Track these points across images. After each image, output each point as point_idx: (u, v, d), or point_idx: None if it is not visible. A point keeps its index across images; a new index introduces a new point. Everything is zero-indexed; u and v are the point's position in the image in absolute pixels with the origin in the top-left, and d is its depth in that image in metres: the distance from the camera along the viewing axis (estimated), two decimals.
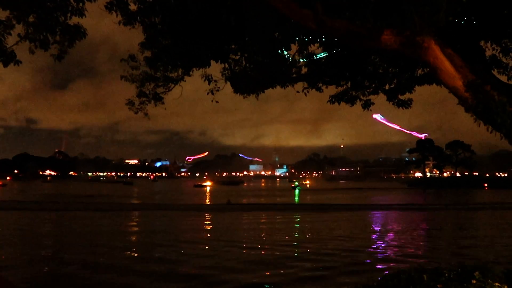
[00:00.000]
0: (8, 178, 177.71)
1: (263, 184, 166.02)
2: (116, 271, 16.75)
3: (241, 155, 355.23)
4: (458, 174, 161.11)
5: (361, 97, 10.91)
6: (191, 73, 10.61)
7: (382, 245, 24.20)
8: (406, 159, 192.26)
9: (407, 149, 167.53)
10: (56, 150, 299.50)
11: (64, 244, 23.51)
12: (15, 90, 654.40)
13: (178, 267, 17.80)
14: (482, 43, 7.88)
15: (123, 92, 11.03)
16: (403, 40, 5.63)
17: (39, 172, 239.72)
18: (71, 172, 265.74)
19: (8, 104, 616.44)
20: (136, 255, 20.59)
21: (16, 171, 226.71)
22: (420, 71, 9.82)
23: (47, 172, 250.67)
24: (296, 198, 76.20)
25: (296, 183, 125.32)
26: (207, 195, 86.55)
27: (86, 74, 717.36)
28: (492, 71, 8.32)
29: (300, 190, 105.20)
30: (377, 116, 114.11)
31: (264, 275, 16.37)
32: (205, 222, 37.34)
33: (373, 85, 10.64)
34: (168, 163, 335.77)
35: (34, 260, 18.95)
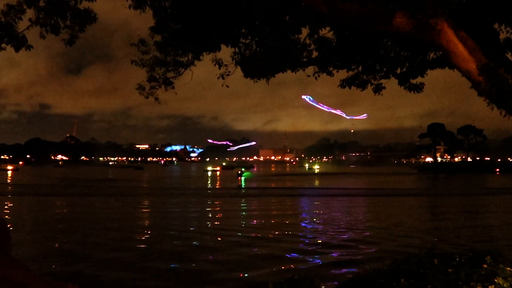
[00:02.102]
0: (20, 162, 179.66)
1: (273, 169, 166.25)
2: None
3: (209, 140, 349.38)
4: (469, 159, 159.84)
5: (372, 81, 10.82)
6: (201, 57, 10.59)
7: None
8: (417, 144, 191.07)
9: (418, 134, 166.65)
10: (68, 135, 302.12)
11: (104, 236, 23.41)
12: (30, 76, 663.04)
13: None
14: (496, 25, 7.76)
15: (137, 77, 11.08)
16: (416, 23, 5.55)
17: (51, 156, 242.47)
18: (82, 157, 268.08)
19: (23, 90, 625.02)
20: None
21: (28, 156, 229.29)
22: (433, 54, 9.70)
23: (59, 156, 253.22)
24: (243, 184, 72.24)
25: (243, 169, 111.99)
26: (217, 179, 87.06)
27: (101, 59, 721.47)
28: (506, 54, 8.19)
29: (246, 177, 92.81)
30: (306, 98, 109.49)
31: None
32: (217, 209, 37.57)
33: (385, 69, 10.54)
34: (178, 148, 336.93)
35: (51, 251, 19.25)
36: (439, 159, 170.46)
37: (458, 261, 5.80)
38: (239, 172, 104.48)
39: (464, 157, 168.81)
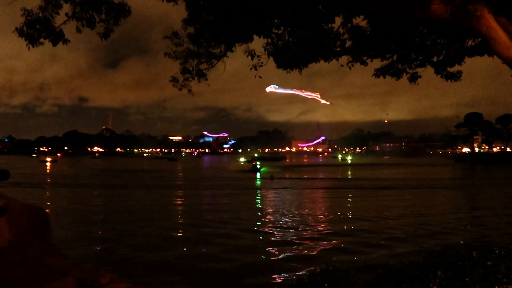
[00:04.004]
0: (58, 154, 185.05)
1: (305, 160, 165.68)
2: None
3: (205, 132, 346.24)
4: (508, 149, 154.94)
5: (408, 70, 10.61)
6: (233, 48, 10.60)
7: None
8: (454, 134, 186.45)
9: (455, 124, 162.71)
10: (103, 127, 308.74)
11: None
12: (70, 69, 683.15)
13: None
14: None
15: (172, 70, 11.21)
16: (454, 9, 5.39)
17: (87, 148, 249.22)
18: (118, 149, 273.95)
19: (63, 83, 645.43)
20: None
21: (66, 148, 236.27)
22: (471, 41, 9.42)
23: (95, 148, 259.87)
24: (258, 182, 59.32)
25: (258, 163, 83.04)
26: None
27: (138, 52, 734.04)
28: None
29: (262, 172, 74.58)
30: (271, 88, 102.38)
31: None
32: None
33: (420, 58, 10.30)
34: (211, 139, 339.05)
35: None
36: (476, 150, 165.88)
37: (498, 253, 5.65)
38: (254, 165, 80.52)
39: (503, 147, 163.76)
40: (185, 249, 16.88)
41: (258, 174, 71.06)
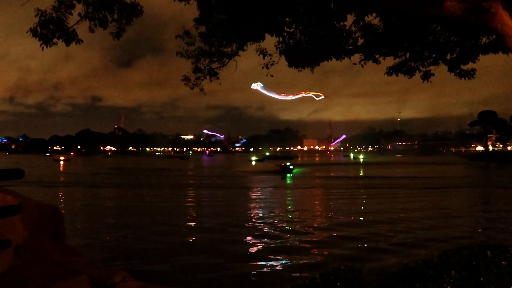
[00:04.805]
0: (72, 153, 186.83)
1: (317, 159, 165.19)
2: None
3: (205, 131, 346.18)
4: None
5: (421, 68, 10.51)
6: (245, 47, 10.60)
7: None
8: (467, 132, 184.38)
9: (468, 122, 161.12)
10: (116, 126, 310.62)
11: None
12: (85, 69, 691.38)
13: None
14: None
15: (184, 69, 11.25)
16: (468, 6, 5.33)
17: (100, 147, 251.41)
18: (130, 148, 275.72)
19: (77, 82, 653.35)
20: None
21: (79, 147, 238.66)
22: (485, 39, 9.30)
23: (108, 147, 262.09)
24: (288, 181, 56.42)
25: (288, 164, 73.40)
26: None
27: (152, 51, 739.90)
28: None
29: (295, 173, 67.96)
30: (257, 85, 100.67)
31: None
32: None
33: (433, 55, 10.20)
34: (223, 137, 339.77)
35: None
36: (490, 148, 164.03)
37: None
38: (284, 165, 70.60)
39: None
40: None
41: (288, 175, 64.34)
